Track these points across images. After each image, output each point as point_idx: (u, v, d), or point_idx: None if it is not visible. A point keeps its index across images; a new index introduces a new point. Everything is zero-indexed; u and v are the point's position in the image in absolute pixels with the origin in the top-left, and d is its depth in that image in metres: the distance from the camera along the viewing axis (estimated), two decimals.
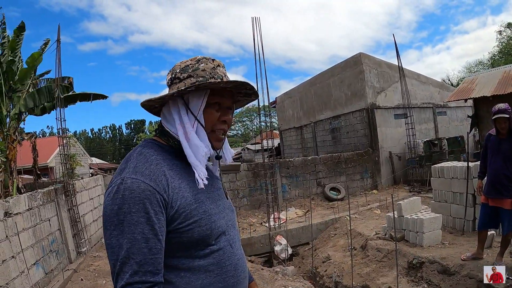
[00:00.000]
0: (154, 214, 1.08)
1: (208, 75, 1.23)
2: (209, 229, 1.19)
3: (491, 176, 4.41)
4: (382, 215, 9.12)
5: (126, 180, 1.09)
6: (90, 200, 8.61)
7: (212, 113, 1.25)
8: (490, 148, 4.48)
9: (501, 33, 28.68)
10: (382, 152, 13.61)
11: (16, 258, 4.89)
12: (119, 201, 1.07)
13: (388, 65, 14.17)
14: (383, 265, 5.91)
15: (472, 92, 11.07)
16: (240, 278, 1.29)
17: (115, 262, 1.05)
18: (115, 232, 1.06)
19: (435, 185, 7.19)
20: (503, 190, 4.24)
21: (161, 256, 1.10)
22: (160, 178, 1.13)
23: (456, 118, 15.74)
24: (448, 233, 6.33)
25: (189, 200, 1.17)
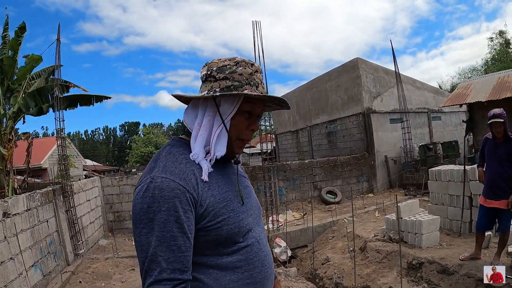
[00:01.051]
0: (184, 213, 1.09)
1: (245, 80, 1.21)
2: (237, 227, 1.20)
3: (489, 179, 4.56)
4: (380, 218, 9.24)
5: (156, 179, 1.10)
6: (87, 201, 8.63)
7: (242, 121, 1.24)
8: (487, 152, 4.63)
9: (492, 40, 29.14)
10: (378, 156, 13.78)
11: (14, 259, 4.86)
12: (149, 199, 1.08)
13: (385, 71, 14.39)
14: (383, 266, 6.03)
15: (467, 98, 11.28)
16: (268, 274, 1.31)
17: (144, 259, 1.07)
18: (144, 230, 1.07)
19: (432, 188, 7.31)
20: (500, 192, 4.39)
21: (190, 254, 1.11)
22: (189, 177, 1.14)
23: (450, 123, 16.00)
24: (445, 234, 6.46)
25: (218, 199, 1.18)
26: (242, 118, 1.24)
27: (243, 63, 1.23)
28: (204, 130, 1.23)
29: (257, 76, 1.25)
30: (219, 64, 1.22)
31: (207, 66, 1.25)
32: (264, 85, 1.26)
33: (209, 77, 1.22)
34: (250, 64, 1.25)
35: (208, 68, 1.24)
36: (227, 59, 1.24)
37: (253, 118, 1.27)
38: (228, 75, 1.20)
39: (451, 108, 14.07)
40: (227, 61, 1.23)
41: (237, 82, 1.20)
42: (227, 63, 1.22)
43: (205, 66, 1.26)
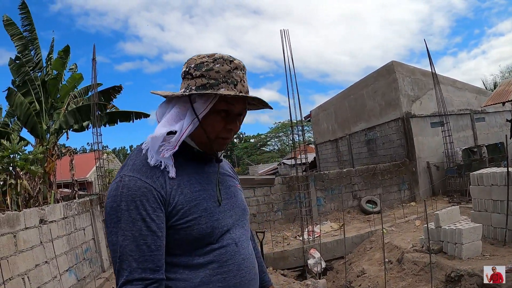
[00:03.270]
0: (152, 211, 1.08)
1: (222, 78, 1.16)
2: (210, 227, 1.17)
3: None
4: (420, 227, 8.78)
5: (124, 178, 1.11)
6: None
7: (217, 120, 1.20)
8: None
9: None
10: (419, 163, 13.16)
11: (49, 263, 5.10)
12: (118, 198, 1.08)
13: (422, 72, 13.79)
14: (419, 279, 5.67)
15: (510, 95, 10.53)
16: (245, 279, 1.24)
17: (116, 259, 1.06)
18: (114, 230, 1.07)
19: (474, 193, 6.85)
20: None
21: (162, 253, 1.09)
22: (157, 174, 1.13)
23: (495, 124, 14.99)
24: (489, 244, 5.99)
25: (188, 197, 1.16)
26: (217, 117, 1.19)
27: (221, 59, 1.18)
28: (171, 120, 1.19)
29: (236, 73, 1.19)
30: (197, 61, 1.19)
31: (187, 63, 1.22)
32: (244, 83, 1.20)
33: (187, 75, 1.19)
34: (229, 61, 1.19)
35: (187, 65, 1.21)
36: (206, 56, 1.20)
37: (231, 117, 1.21)
38: (205, 72, 1.16)
39: (495, 108, 13.23)
40: (205, 57, 1.19)
41: (213, 80, 1.15)
42: (205, 60, 1.18)
43: (186, 63, 1.23)
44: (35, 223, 4.94)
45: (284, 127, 41.12)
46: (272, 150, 45.31)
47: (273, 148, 46.19)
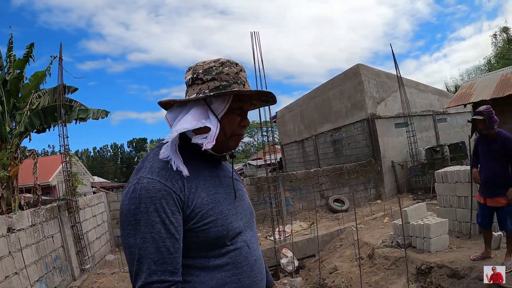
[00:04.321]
0: (171, 214, 1.09)
1: (232, 79, 1.23)
2: (225, 229, 1.20)
3: (486, 177, 4.55)
4: (388, 224, 9.06)
5: (142, 180, 1.11)
6: (93, 217, 8.61)
7: (235, 118, 1.26)
8: (481, 151, 4.65)
9: (496, 37, 29.11)
10: (384, 162, 13.58)
11: (19, 274, 4.88)
12: (136, 200, 1.08)
13: (387, 75, 14.27)
14: (391, 273, 5.85)
15: (471, 97, 11.09)
16: (257, 279, 1.29)
17: (133, 261, 1.06)
18: (132, 232, 1.07)
19: (439, 190, 7.14)
20: (498, 188, 4.37)
21: (179, 255, 1.11)
22: (176, 177, 1.14)
23: (456, 124, 15.75)
24: (455, 237, 6.27)
25: (206, 200, 1.18)
26: (234, 115, 1.26)
27: (228, 63, 1.26)
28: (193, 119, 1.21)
29: (242, 75, 1.28)
30: (204, 67, 1.24)
31: (192, 70, 1.26)
32: (249, 83, 1.30)
33: (196, 80, 1.23)
34: (235, 64, 1.28)
35: (194, 71, 1.25)
36: (211, 61, 1.26)
37: (244, 114, 1.29)
38: (216, 76, 1.22)
39: (456, 109, 13.89)
40: (212, 62, 1.25)
41: (225, 82, 1.22)
42: (213, 65, 1.24)
43: (190, 70, 1.28)
44: (2, 232, 4.71)
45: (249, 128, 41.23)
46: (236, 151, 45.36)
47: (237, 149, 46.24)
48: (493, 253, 4.86)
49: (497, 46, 28.95)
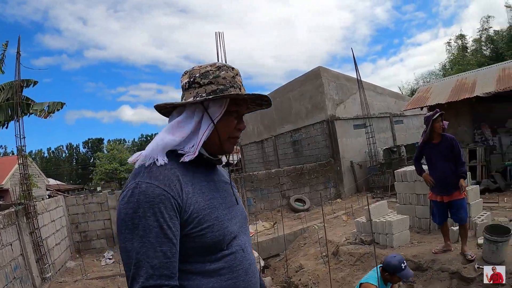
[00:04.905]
0: (169, 219, 1.09)
1: (229, 83, 1.25)
2: (222, 234, 1.20)
3: (440, 176, 4.83)
4: (349, 222, 9.32)
5: (140, 184, 1.10)
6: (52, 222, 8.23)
7: (232, 120, 1.28)
8: (430, 154, 4.94)
9: (450, 44, 30.80)
10: (343, 162, 13.99)
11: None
12: (134, 205, 1.07)
13: (346, 78, 14.71)
14: (357, 268, 6.03)
15: (427, 100, 11.68)
16: (251, 283, 1.30)
17: (130, 266, 1.05)
18: (129, 236, 1.06)
19: (399, 189, 7.44)
20: (452, 185, 4.71)
21: (176, 260, 1.10)
22: (174, 182, 1.14)
23: (412, 126, 16.53)
24: (415, 233, 6.58)
25: (202, 205, 1.18)
26: (230, 118, 1.27)
27: (225, 67, 1.28)
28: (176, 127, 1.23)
29: (238, 79, 1.29)
30: (201, 71, 1.25)
31: (188, 74, 1.27)
32: (244, 87, 1.31)
33: (193, 84, 1.24)
34: (231, 68, 1.29)
35: (190, 75, 1.26)
36: (208, 65, 1.27)
37: (240, 117, 1.31)
38: (213, 79, 1.23)
39: (412, 112, 14.57)
40: (208, 67, 1.26)
41: (222, 85, 1.23)
42: (209, 69, 1.25)
43: (186, 74, 1.29)
44: None
45: None
46: None
47: None
48: (453, 246, 5.13)
49: (451, 52, 30.68)
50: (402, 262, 3.59)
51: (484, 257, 4.42)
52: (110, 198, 10.03)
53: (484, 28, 27.34)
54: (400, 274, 3.55)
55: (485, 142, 10.75)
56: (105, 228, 9.99)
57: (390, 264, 3.58)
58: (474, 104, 10.54)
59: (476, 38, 28.12)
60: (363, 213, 8.61)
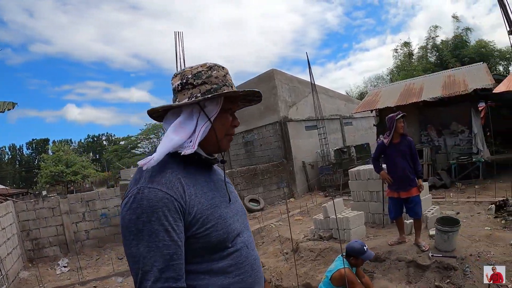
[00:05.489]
0: (173, 221, 1.11)
1: (221, 82, 1.29)
2: (226, 232, 1.24)
3: (399, 174, 5.19)
4: (304, 220, 9.65)
5: (143, 190, 1.12)
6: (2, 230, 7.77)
7: (227, 118, 1.32)
8: (390, 153, 5.30)
9: (397, 51, 32.63)
10: (295, 162, 14.40)
11: None
12: (138, 210, 1.09)
13: (299, 81, 15.18)
14: (318, 263, 6.31)
15: (377, 104, 12.42)
16: (257, 278, 1.35)
17: (137, 270, 1.07)
18: (135, 242, 1.08)
19: (353, 187, 7.83)
20: (409, 182, 5.12)
21: (182, 261, 1.13)
22: (176, 185, 1.17)
23: (361, 127, 17.42)
24: (370, 227, 6.99)
25: (205, 206, 1.22)
26: (226, 115, 1.31)
27: (216, 67, 1.31)
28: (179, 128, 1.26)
29: (228, 77, 1.33)
30: (193, 72, 1.28)
31: (180, 75, 1.30)
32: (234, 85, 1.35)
33: (186, 85, 1.27)
34: (221, 67, 1.33)
35: (182, 77, 1.29)
36: (199, 66, 1.30)
37: (234, 115, 1.36)
38: (206, 79, 1.27)
39: (361, 114, 15.32)
40: (200, 67, 1.30)
41: (215, 84, 1.27)
42: (201, 69, 1.29)
43: (177, 77, 1.31)
44: None
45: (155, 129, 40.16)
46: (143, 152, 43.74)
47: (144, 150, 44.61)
48: (407, 238, 5.57)
49: (398, 58, 32.55)
50: (364, 245, 3.94)
51: (437, 246, 4.87)
52: (62, 203, 9.54)
53: (431, 37, 29.18)
54: (363, 256, 3.88)
55: (431, 143, 11.64)
56: (58, 234, 9.46)
57: (354, 249, 3.90)
58: (421, 108, 11.38)
59: (423, 46, 30.02)
60: (318, 211, 9.00)
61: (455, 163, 10.58)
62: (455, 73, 12.36)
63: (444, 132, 11.55)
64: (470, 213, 6.93)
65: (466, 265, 4.36)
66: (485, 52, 25.02)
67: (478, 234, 5.39)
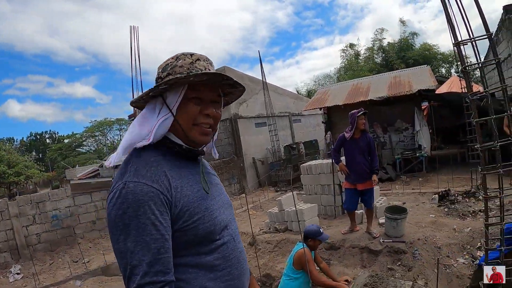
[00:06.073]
0: (160, 215, 1.11)
1: (186, 70, 1.24)
2: (213, 224, 1.24)
3: (356, 167, 5.57)
4: (258, 214, 9.92)
5: (128, 184, 1.11)
6: None
7: (191, 106, 1.25)
8: (348, 148, 5.66)
9: (344, 51, 33.95)
10: (246, 159, 14.64)
11: None
12: (124, 205, 1.09)
13: (250, 78, 15.43)
14: (276, 254, 6.58)
15: (326, 102, 12.98)
16: (243, 270, 1.36)
17: (126, 265, 1.07)
18: (122, 237, 1.08)
19: (305, 181, 8.18)
20: (366, 175, 5.50)
21: (170, 255, 1.13)
22: (162, 178, 1.16)
23: (309, 124, 18.05)
24: (323, 219, 7.40)
25: (191, 198, 1.21)
26: (189, 104, 1.25)
27: (183, 55, 1.28)
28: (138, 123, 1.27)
29: (199, 64, 1.27)
30: (162, 65, 1.29)
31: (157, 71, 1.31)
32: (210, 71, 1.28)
33: (157, 80, 1.28)
34: (190, 54, 1.28)
35: (157, 72, 1.30)
36: (169, 58, 1.30)
37: (206, 103, 1.28)
38: (170, 70, 1.25)
39: (309, 111, 15.90)
40: (170, 59, 1.29)
41: (179, 74, 1.23)
42: (169, 61, 1.28)
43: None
44: None
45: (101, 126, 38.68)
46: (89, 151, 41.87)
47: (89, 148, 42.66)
48: (358, 227, 6.01)
49: (345, 58, 33.92)
50: (320, 228, 4.25)
51: (387, 232, 5.34)
52: (11, 205, 8.91)
53: (378, 39, 30.61)
54: (320, 237, 4.17)
55: (377, 139, 12.37)
56: (8, 239, 8.69)
57: (311, 231, 4.18)
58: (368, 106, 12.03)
59: (370, 47, 31.44)
60: (271, 206, 9.31)
61: (399, 158, 11.37)
62: (400, 74, 13.24)
63: (389, 129, 12.37)
64: (416, 202, 7.59)
65: (414, 248, 4.85)
66: (429, 55, 26.82)
67: (424, 221, 5.97)
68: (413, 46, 28.30)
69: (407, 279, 4.33)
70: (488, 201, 2.67)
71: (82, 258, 8.15)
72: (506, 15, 8.38)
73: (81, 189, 9.97)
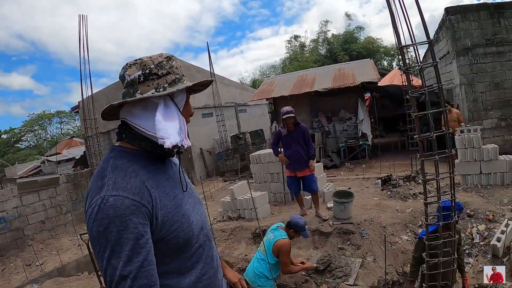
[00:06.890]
0: (142, 227, 1.10)
1: (181, 72, 1.30)
2: (191, 230, 1.27)
3: (294, 157, 5.98)
4: (209, 204, 10.06)
5: (107, 198, 1.08)
6: None
7: (190, 107, 1.35)
8: (286, 140, 6.05)
9: (289, 42, 34.56)
10: (193, 150, 14.64)
11: None
12: (105, 221, 1.06)
13: (197, 70, 15.39)
14: (232, 241, 6.80)
15: (272, 93, 13.29)
16: (217, 267, 1.44)
17: (110, 283, 1.06)
18: (106, 254, 1.06)
19: (254, 169, 8.43)
20: (303, 163, 5.92)
21: (154, 267, 1.12)
22: (142, 190, 1.14)
23: (255, 115, 18.33)
24: (273, 206, 7.72)
25: (169, 208, 1.22)
26: (188, 104, 1.35)
27: (173, 57, 1.31)
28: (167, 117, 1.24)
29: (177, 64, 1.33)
30: (155, 62, 1.24)
31: (140, 66, 1.24)
32: None
33: (150, 76, 1.22)
34: (175, 57, 1.33)
35: (143, 68, 1.23)
36: (157, 56, 1.27)
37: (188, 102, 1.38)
38: (169, 69, 1.26)
39: (255, 102, 16.14)
40: (159, 57, 1.27)
41: (177, 74, 1.28)
42: (161, 60, 1.26)
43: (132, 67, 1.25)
44: None
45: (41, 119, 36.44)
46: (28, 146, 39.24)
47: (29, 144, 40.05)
48: (308, 211, 6.40)
49: (290, 49, 34.49)
50: (306, 224, 4.47)
51: (335, 215, 5.77)
52: None
53: (323, 31, 31.36)
54: (303, 233, 4.42)
55: (322, 128, 12.95)
56: None
57: (299, 224, 4.39)
58: (313, 97, 12.56)
59: (314, 39, 32.26)
60: (221, 195, 9.50)
61: (343, 146, 12.00)
62: (345, 67, 13.87)
63: (333, 119, 12.98)
64: (360, 187, 8.17)
65: (362, 228, 5.32)
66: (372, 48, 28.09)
67: (369, 204, 6.48)
68: (357, 39, 29.46)
69: (357, 256, 4.77)
70: (426, 184, 3.07)
71: (36, 260, 7.81)
72: (447, 15, 9.12)
73: (29, 188, 9.48)
